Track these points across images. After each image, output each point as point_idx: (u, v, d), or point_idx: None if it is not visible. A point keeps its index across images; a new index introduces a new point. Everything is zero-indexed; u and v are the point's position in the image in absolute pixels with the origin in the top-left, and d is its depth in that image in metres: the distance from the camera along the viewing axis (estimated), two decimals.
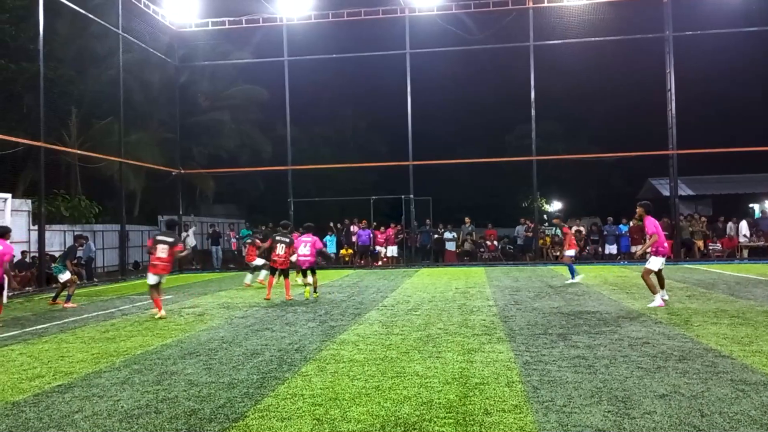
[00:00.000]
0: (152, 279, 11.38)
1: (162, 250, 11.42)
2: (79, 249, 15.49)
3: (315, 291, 14.01)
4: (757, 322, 9.10)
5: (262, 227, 24.78)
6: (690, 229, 24.91)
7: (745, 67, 31.83)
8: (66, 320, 11.33)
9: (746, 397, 5.32)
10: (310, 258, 13.76)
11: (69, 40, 26.79)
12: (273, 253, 14.09)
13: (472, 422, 4.82)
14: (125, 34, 23.39)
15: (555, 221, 18.46)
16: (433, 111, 34.42)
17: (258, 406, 5.39)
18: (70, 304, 13.60)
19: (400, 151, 26.39)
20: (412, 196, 25.42)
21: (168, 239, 11.60)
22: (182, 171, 27.16)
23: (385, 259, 25.77)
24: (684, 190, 30.36)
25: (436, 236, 26.28)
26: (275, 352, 7.70)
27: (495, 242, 26.79)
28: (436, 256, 26.28)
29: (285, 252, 13.84)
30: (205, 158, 32.87)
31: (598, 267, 22.16)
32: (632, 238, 24.91)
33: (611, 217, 25.67)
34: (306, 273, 14.22)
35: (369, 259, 25.65)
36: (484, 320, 9.91)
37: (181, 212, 27.36)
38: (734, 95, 33.60)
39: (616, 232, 25.17)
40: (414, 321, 10.00)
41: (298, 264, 14.36)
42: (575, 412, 5.00)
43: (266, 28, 26.94)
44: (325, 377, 6.35)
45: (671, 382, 5.84)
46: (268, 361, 7.22)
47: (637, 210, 11.59)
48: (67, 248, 15.61)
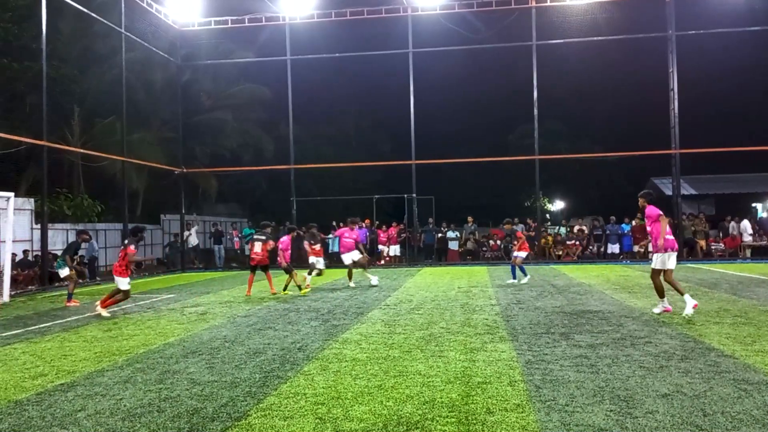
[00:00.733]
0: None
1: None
2: (82, 245, 15.28)
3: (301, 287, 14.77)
4: (759, 322, 9.08)
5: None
6: (693, 228, 24.87)
7: (749, 66, 31.76)
8: (69, 319, 11.36)
9: (749, 397, 5.31)
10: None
11: (72, 39, 26.83)
12: (252, 251, 15.08)
13: (474, 421, 4.82)
14: (128, 33, 23.43)
15: (506, 226, 16.92)
16: (436, 110, 34.40)
17: (260, 405, 5.39)
18: (72, 303, 13.60)
19: (403, 150, 26.39)
20: (414, 195, 25.42)
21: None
22: (185, 170, 27.19)
23: (387, 258, 25.76)
24: (687, 190, 30.30)
25: (439, 235, 26.27)
26: (278, 351, 7.70)
27: (498, 241, 26.77)
28: (439, 256, 26.27)
29: (262, 249, 14.78)
30: (207, 157, 32.90)
31: (601, 266, 22.14)
32: (635, 238, 24.88)
33: (614, 217, 25.64)
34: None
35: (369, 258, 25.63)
36: (486, 319, 9.91)
37: (183, 211, 27.40)
38: (737, 94, 33.53)
39: (619, 231, 25.15)
40: (416, 320, 10.00)
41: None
42: (577, 412, 5.00)
43: (269, 27, 26.96)
44: (327, 376, 6.36)
45: (674, 382, 5.83)
46: (270, 360, 7.23)
47: (639, 201, 10.79)
48: (69, 244, 15.48)
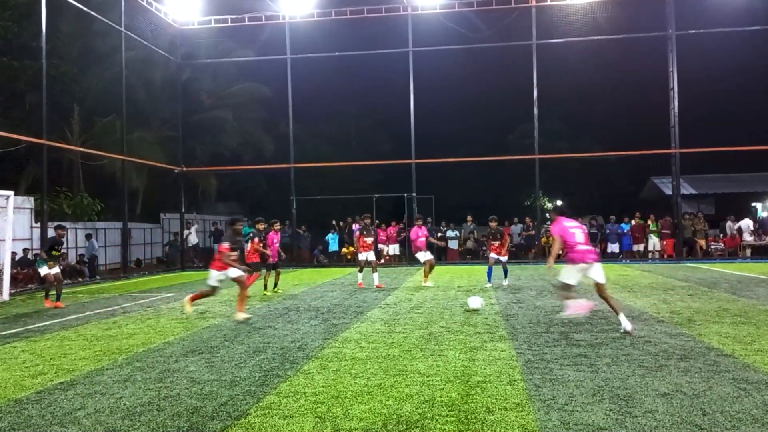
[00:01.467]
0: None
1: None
2: (60, 240, 14.07)
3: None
4: (759, 321, 9.09)
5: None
6: (692, 228, 24.88)
7: (749, 65, 31.73)
8: (68, 318, 11.36)
9: (748, 396, 5.32)
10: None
11: (72, 37, 26.80)
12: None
13: (474, 420, 4.82)
14: (128, 32, 23.41)
15: (492, 224, 15.39)
16: (436, 109, 34.37)
17: (260, 404, 5.40)
18: (49, 303, 13.20)
19: (403, 149, 26.39)
20: (414, 194, 25.42)
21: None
22: (184, 169, 27.18)
23: (387, 258, 25.76)
24: (687, 189, 30.31)
25: (438, 234, 26.26)
26: (277, 350, 7.71)
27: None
28: (439, 255, 26.24)
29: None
30: (207, 156, 32.87)
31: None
32: (634, 237, 24.94)
33: (614, 216, 25.65)
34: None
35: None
36: (486, 319, 9.91)
37: (183, 210, 27.40)
38: (737, 94, 33.50)
39: (618, 230, 25.16)
40: (416, 319, 10.00)
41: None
42: (577, 411, 5.00)
43: (269, 26, 26.96)
44: (327, 375, 6.36)
45: (673, 381, 5.84)
46: (270, 359, 7.23)
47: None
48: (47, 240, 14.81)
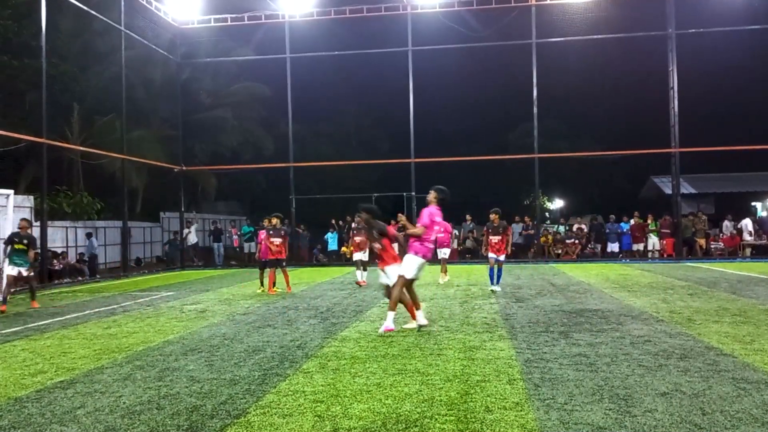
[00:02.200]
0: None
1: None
2: (23, 233, 12.97)
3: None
4: (758, 321, 9.09)
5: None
6: (693, 227, 24.88)
7: (749, 64, 31.75)
8: (68, 316, 11.36)
9: (747, 396, 5.32)
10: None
11: (71, 36, 26.80)
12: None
13: (473, 420, 4.82)
14: (128, 31, 23.40)
15: (493, 216, 14.04)
16: (436, 108, 34.37)
17: (259, 403, 5.40)
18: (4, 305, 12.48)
19: (403, 148, 26.38)
20: (414, 193, 25.42)
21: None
22: (184, 168, 27.18)
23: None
24: (686, 189, 30.33)
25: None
26: (277, 349, 7.71)
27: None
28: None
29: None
30: (207, 155, 32.88)
31: (600, 265, 22.15)
32: (634, 236, 24.95)
33: (613, 215, 25.66)
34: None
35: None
36: (485, 318, 9.92)
37: (183, 209, 27.41)
38: (737, 93, 33.53)
39: (618, 230, 25.16)
40: None
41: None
42: (576, 410, 5.00)
43: (268, 25, 26.95)
44: (326, 374, 6.36)
45: (672, 381, 5.84)
46: (269, 357, 7.23)
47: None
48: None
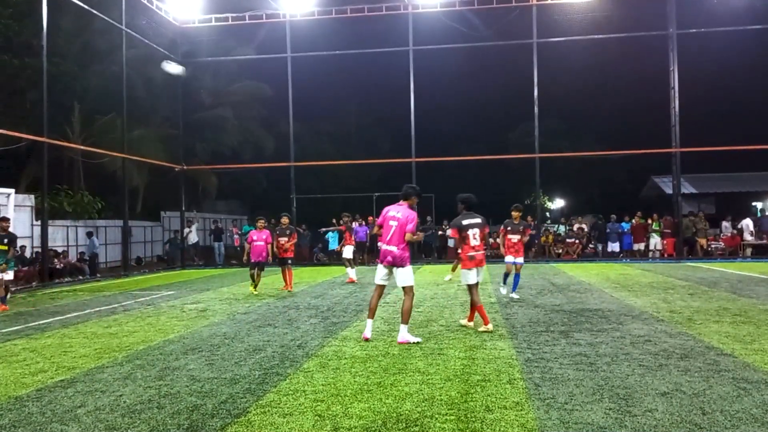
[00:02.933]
0: (471, 277, 8.79)
1: (475, 237, 8.78)
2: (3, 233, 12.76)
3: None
4: (759, 321, 9.09)
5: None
6: (693, 227, 24.86)
7: (750, 64, 31.75)
8: (68, 315, 11.37)
9: (748, 396, 5.32)
10: None
11: (72, 35, 26.81)
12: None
13: (473, 419, 4.82)
14: (129, 30, 23.40)
15: (515, 213, 12.51)
16: (437, 108, 34.40)
17: (260, 402, 5.40)
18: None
19: (404, 147, 26.38)
20: None
21: (477, 220, 8.90)
22: (185, 167, 27.19)
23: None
24: (687, 188, 30.32)
25: (440, 233, 26.28)
26: (277, 348, 7.71)
27: (498, 240, 26.73)
28: (440, 254, 26.28)
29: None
30: (207, 154, 32.88)
31: (601, 264, 22.14)
32: (635, 236, 24.94)
33: (614, 215, 25.65)
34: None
35: (366, 256, 25.59)
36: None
37: (183, 208, 27.42)
38: (738, 93, 33.53)
39: (619, 230, 25.16)
40: (416, 318, 10.00)
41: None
42: (576, 410, 5.01)
43: (269, 25, 26.95)
44: (326, 373, 6.36)
45: (673, 380, 5.84)
46: (270, 357, 7.23)
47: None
48: None
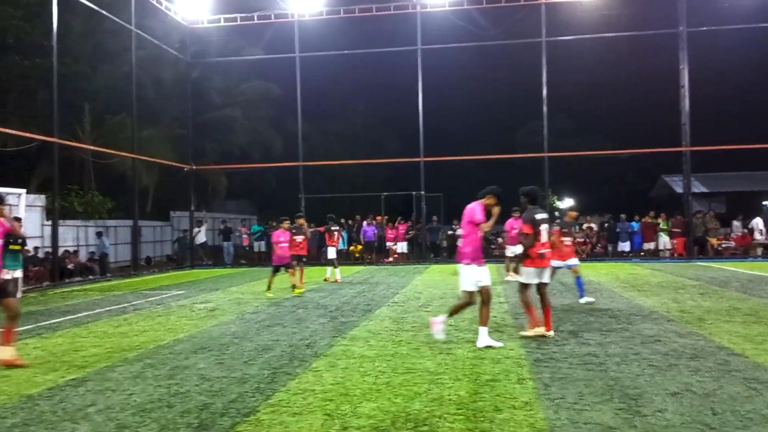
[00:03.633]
0: (534, 276, 8.20)
1: (546, 232, 8.21)
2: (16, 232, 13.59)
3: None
4: None
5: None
6: (704, 226, 24.70)
7: (761, 62, 31.49)
8: (79, 315, 11.45)
9: (759, 396, 5.29)
10: None
11: (82, 36, 26.97)
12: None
13: (482, 419, 4.82)
14: (138, 31, 23.51)
15: (572, 214, 11.94)
16: (444, 107, 34.33)
17: (269, 401, 5.42)
18: None
19: (412, 147, 26.36)
20: (423, 192, 25.40)
21: (546, 215, 8.42)
22: (194, 167, 27.30)
23: (396, 256, 25.76)
24: (697, 188, 30.12)
25: (449, 233, 26.27)
26: (286, 348, 7.73)
27: (500, 239, 26.70)
28: (449, 253, 26.25)
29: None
30: (217, 154, 33.00)
31: (610, 264, 22.04)
32: (644, 235, 24.80)
33: (624, 214, 25.52)
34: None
35: (375, 255, 25.63)
36: (494, 317, 9.89)
37: (192, 208, 27.52)
38: (749, 91, 33.26)
39: (629, 229, 25.03)
40: (425, 317, 9.99)
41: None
42: (586, 410, 4.99)
43: (278, 25, 26.99)
44: (335, 373, 6.38)
45: (683, 380, 5.81)
46: (279, 356, 7.26)
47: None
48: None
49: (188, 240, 27.04)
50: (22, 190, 15.24)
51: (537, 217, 8.20)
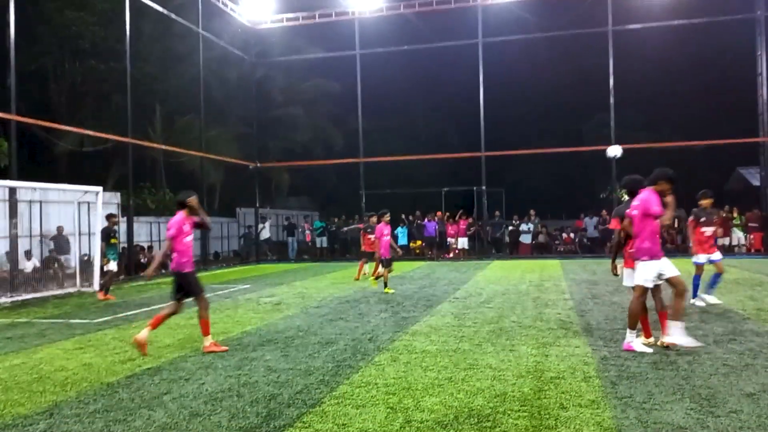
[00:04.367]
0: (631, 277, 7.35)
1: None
2: (114, 228, 14.11)
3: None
4: None
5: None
6: None
7: None
8: (153, 307, 11.95)
9: None
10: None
11: (153, 40, 27.97)
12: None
13: (547, 416, 4.77)
14: (205, 33, 24.25)
15: (706, 201, 10.43)
16: (506, 101, 33.79)
17: (333, 393, 5.53)
18: (107, 296, 13.37)
19: (473, 142, 26.15)
20: (484, 187, 25.16)
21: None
22: (258, 165, 27.97)
23: (456, 251, 25.63)
24: None
25: (510, 228, 25.92)
26: (349, 342, 7.85)
27: (572, 234, 26.18)
28: (511, 249, 25.95)
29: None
30: (279, 152, 33.67)
31: (681, 260, 21.19)
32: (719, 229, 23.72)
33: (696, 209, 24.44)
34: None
35: (435, 251, 25.56)
36: (559, 314, 9.73)
37: (257, 204, 28.21)
38: None
39: None
40: (486, 313, 9.94)
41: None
42: (655, 409, 4.86)
43: (338, 23, 27.25)
44: (398, 367, 6.43)
45: (760, 381, 5.57)
46: (342, 349, 7.38)
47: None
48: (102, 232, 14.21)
49: (254, 236, 27.74)
50: (99, 188, 15.98)
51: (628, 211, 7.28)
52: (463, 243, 25.69)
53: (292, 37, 29.99)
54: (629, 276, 7.45)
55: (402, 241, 26.47)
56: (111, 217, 14.25)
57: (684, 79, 34.94)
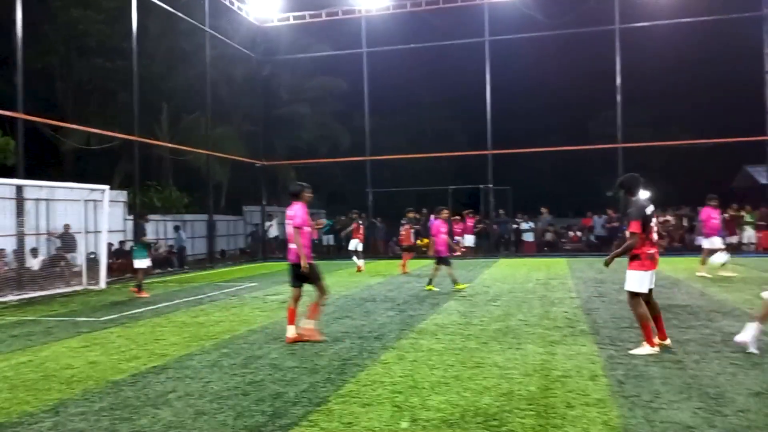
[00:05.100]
0: (647, 282, 6.91)
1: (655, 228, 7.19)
2: (145, 225, 14.74)
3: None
4: None
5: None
6: None
7: None
8: (159, 305, 11.98)
9: None
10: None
11: (159, 38, 28.05)
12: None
13: (554, 415, 4.75)
14: (212, 31, 24.27)
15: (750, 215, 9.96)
16: (513, 98, 33.66)
17: (339, 392, 5.53)
18: (143, 294, 13.58)
19: (480, 140, 26.08)
20: (491, 185, 25.10)
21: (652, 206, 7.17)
22: (265, 162, 27.99)
23: (463, 249, 25.55)
24: None
25: (514, 227, 25.85)
26: (355, 340, 7.85)
27: (578, 233, 26.07)
28: (516, 246, 25.88)
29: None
30: (285, 150, 33.67)
31: (689, 258, 21.12)
32: (727, 229, 23.60)
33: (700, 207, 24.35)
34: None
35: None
36: (566, 312, 9.70)
37: (264, 202, 28.24)
38: None
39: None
40: (493, 312, 9.91)
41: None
42: (663, 408, 4.84)
43: (345, 20, 27.23)
44: (404, 365, 6.42)
45: (767, 380, 5.54)
46: (348, 348, 7.37)
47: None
48: (135, 229, 14.94)
49: (260, 233, 27.76)
50: (106, 186, 16.03)
51: (648, 211, 6.96)
52: (469, 241, 25.62)
53: (298, 35, 29.99)
54: (639, 280, 6.96)
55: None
56: (143, 215, 14.87)
57: (691, 77, 34.78)
